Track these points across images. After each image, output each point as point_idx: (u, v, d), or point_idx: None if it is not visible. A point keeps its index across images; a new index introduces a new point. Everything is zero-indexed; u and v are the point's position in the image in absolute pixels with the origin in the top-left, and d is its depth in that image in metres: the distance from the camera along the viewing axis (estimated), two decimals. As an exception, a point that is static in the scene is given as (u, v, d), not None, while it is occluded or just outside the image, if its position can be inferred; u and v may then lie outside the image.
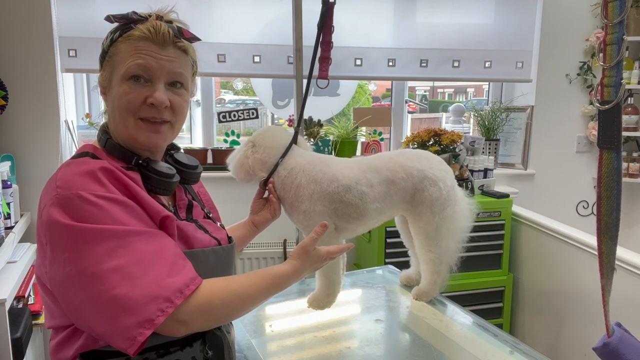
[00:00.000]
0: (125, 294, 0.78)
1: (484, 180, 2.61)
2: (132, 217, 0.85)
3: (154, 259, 0.82)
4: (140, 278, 0.79)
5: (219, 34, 2.52)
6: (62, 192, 0.82)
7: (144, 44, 0.91)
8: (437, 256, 1.43)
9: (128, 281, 0.78)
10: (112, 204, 0.83)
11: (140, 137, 0.93)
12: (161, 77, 0.92)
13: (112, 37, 0.93)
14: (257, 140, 1.35)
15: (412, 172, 1.37)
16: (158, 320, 0.79)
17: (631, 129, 2.86)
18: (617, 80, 1.13)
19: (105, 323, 0.79)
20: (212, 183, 2.41)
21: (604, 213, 1.19)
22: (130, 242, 0.81)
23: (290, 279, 1.02)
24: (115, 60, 0.92)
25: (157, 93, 0.91)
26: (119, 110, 0.92)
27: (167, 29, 0.92)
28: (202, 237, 0.99)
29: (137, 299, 0.78)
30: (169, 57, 0.92)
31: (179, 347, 0.91)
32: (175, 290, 0.81)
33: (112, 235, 0.80)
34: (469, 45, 2.79)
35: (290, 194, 1.31)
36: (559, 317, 2.27)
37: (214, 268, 0.98)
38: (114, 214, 0.82)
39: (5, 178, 1.94)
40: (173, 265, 0.84)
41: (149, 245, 0.83)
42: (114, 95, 0.92)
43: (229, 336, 1.03)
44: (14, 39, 2.28)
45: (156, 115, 0.92)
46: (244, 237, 1.33)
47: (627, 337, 1.24)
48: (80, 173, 0.84)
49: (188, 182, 1.07)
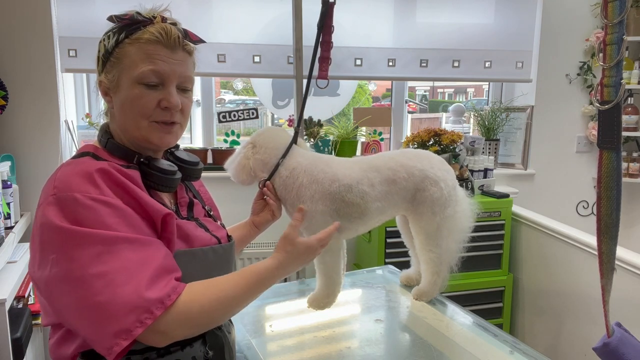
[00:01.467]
0: (106, 302, 0.77)
1: (484, 180, 2.61)
2: (125, 222, 0.84)
3: (139, 267, 0.81)
4: (123, 286, 0.78)
5: (219, 34, 2.51)
6: (59, 192, 0.82)
7: (154, 47, 0.91)
8: (437, 256, 1.43)
9: (111, 289, 0.78)
10: (106, 208, 0.82)
11: (153, 138, 0.94)
12: (173, 81, 0.94)
13: (117, 39, 0.92)
14: (258, 141, 1.34)
15: (413, 172, 1.37)
16: (136, 331, 0.78)
17: (631, 129, 2.86)
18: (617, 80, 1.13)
19: (86, 328, 0.80)
20: (212, 183, 2.41)
21: (604, 213, 1.19)
22: (118, 248, 0.80)
23: (276, 275, 0.98)
24: (124, 63, 0.92)
25: (172, 98, 0.93)
26: (131, 113, 0.92)
27: (177, 33, 0.93)
28: (203, 235, 0.99)
29: (117, 308, 0.77)
30: (179, 61, 0.94)
31: (179, 347, 0.91)
32: (156, 300, 0.80)
33: (101, 240, 0.80)
34: (469, 45, 2.79)
35: (292, 194, 1.30)
36: (559, 317, 2.27)
37: (213, 267, 0.98)
38: (106, 219, 0.81)
39: (5, 178, 1.94)
40: (158, 275, 0.82)
41: (136, 253, 0.82)
42: (124, 97, 0.92)
43: (229, 336, 1.03)
44: (14, 39, 2.28)
45: (169, 118, 0.95)
46: (245, 237, 1.32)
47: (627, 337, 1.24)
48: (78, 174, 0.84)
49: (189, 178, 1.07)
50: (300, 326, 1.37)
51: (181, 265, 0.90)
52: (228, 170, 1.38)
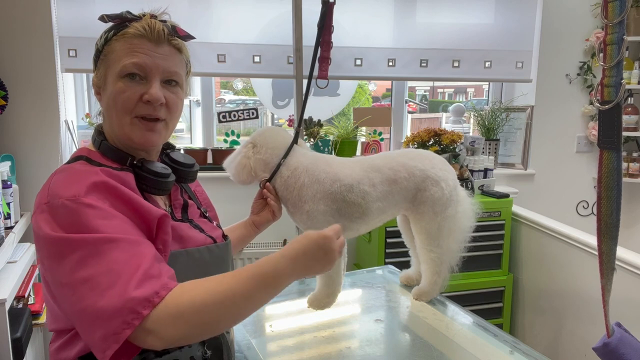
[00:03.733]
0: (92, 306, 0.76)
1: (484, 180, 2.61)
2: (112, 223, 0.81)
3: (124, 268, 0.78)
4: (109, 289, 0.76)
5: (219, 34, 2.51)
6: (51, 200, 0.82)
7: (138, 41, 0.91)
8: (438, 256, 1.43)
9: (96, 292, 0.76)
10: (92, 210, 0.81)
11: (135, 136, 0.92)
12: (156, 75, 0.92)
13: (106, 37, 0.93)
14: (258, 140, 1.34)
15: (414, 172, 1.37)
16: (124, 333, 0.74)
17: (631, 129, 2.86)
18: (617, 80, 1.13)
19: (82, 333, 0.80)
20: (212, 183, 2.42)
21: (604, 213, 1.19)
22: (103, 250, 0.78)
23: (282, 265, 0.85)
24: (109, 59, 0.92)
25: (152, 90, 0.90)
26: (115, 109, 0.91)
27: (162, 27, 0.93)
28: (197, 235, 0.99)
29: (103, 312, 0.75)
30: (163, 55, 0.93)
31: (177, 346, 0.90)
32: (143, 299, 0.76)
33: (85, 243, 0.78)
34: (469, 45, 2.79)
35: (294, 194, 1.31)
36: (559, 317, 2.27)
37: (209, 266, 0.97)
38: (92, 221, 0.80)
39: (5, 178, 1.94)
40: (146, 273, 0.79)
41: (124, 252, 0.79)
42: (109, 93, 0.92)
43: (227, 336, 1.02)
44: (14, 39, 2.28)
45: (152, 112, 0.92)
46: (245, 237, 1.32)
47: (627, 337, 1.24)
48: (68, 182, 0.84)
49: (185, 180, 1.06)
50: (300, 326, 1.37)
51: (177, 266, 0.89)
52: (227, 169, 1.37)
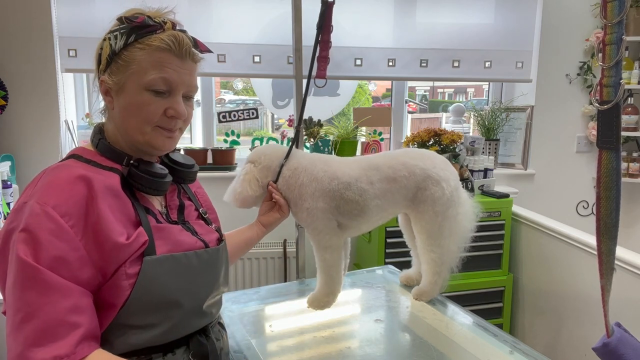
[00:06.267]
0: (9, 337, 0.77)
1: (484, 180, 2.61)
2: (54, 255, 0.78)
3: (32, 313, 0.76)
4: (15, 332, 0.76)
5: (219, 34, 2.52)
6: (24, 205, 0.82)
7: (165, 55, 0.91)
8: (438, 256, 1.43)
9: (9, 325, 0.77)
10: (50, 237, 0.79)
11: (157, 143, 0.95)
12: (180, 90, 0.95)
13: (125, 40, 0.91)
14: (254, 157, 1.39)
15: (415, 171, 1.38)
16: None
17: (631, 129, 2.86)
18: (617, 80, 1.13)
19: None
20: (212, 183, 2.42)
21: (604, 213, 1.19)
22: (28, 284, 0.77)
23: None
24: (132, 68, 0.91)
25: (179, 107, 0.94)
26: (136, 118, 0.92)
27: (187, 42, 0.94)
28: (187, 239, 0.97)
29: (13, 351, 0.76)
30: (188, 70, 0.95)
31: (161, 352, 0.90)
32: None
33: (22, 271, 0.77)
34: (469, 45, 2.79)
35: (295, 193, 1.35)
36: (559, 317, 2.27)
37: (197, 271, 0.96)
38: (41, 252, 0.78)
39: (5, 178, 1.94)
40: (51, 331, 0.75)
41: (40, 297, 0.76)
42: (130, 102, 0.92)
43: (217, 343, 1.01)
44: (14, 39, 2.28)
45: (173, 126, 0.96)
46: (251, 239, 1.34)
47: (627, 337, 1.24)
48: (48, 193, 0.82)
49: (184, 181, 1.07)
50: (300, 326, 1.37)
51: (164, 271, 0.89)
52: (232, 194, 1.36)
